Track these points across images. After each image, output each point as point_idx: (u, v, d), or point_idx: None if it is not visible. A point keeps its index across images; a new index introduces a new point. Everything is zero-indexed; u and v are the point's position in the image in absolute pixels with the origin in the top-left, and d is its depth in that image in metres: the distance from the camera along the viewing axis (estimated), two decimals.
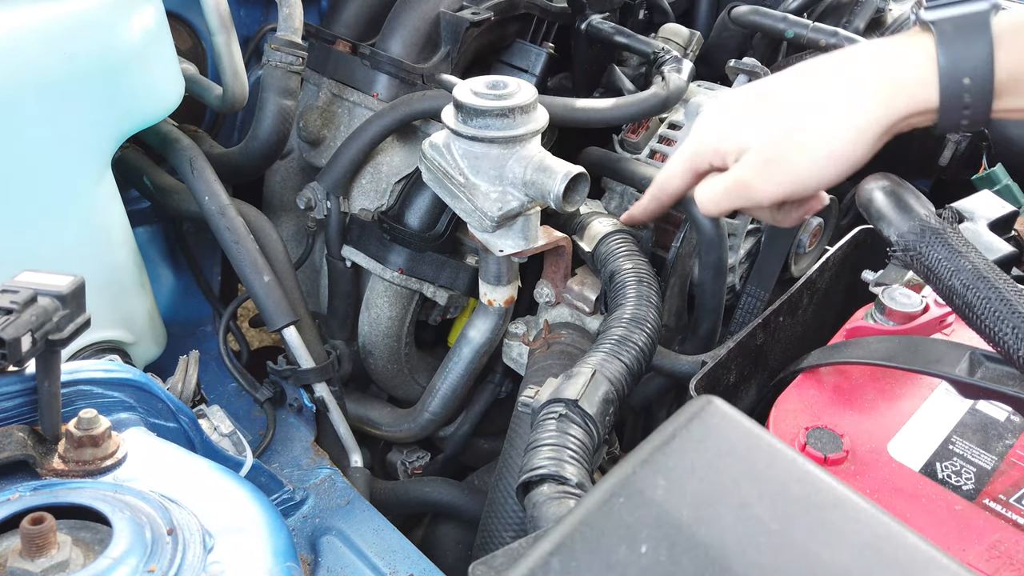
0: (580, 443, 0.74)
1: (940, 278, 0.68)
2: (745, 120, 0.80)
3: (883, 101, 0.73)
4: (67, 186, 0.97)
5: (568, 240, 1.10)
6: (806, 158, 0.76)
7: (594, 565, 0.42)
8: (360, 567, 0.94)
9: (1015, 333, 0.63)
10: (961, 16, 0.71)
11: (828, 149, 0.75)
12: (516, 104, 0.96)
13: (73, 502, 0.61)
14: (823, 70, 0.78)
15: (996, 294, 0.65)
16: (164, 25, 1.02)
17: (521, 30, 1.34)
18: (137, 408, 0.76)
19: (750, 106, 0.80)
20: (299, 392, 1.17)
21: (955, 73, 0.70)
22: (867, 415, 0.76)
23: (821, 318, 1.01)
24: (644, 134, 1.30)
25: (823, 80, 0.77)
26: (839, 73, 0.76)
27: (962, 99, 0.71)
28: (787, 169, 0.77)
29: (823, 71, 0.78)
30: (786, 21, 1.41)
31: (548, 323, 1.16)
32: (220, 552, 0.61)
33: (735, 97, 0.83)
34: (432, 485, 1.26)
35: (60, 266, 0.67)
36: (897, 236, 0.71)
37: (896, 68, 0.73)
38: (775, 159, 0.78)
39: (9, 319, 0.59)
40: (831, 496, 0.46)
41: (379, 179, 1.23)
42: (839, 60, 0.77)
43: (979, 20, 0.71)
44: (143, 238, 1.31)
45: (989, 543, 0.65)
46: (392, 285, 1.24)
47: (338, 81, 1.28)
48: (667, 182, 0.90)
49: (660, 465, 0.47)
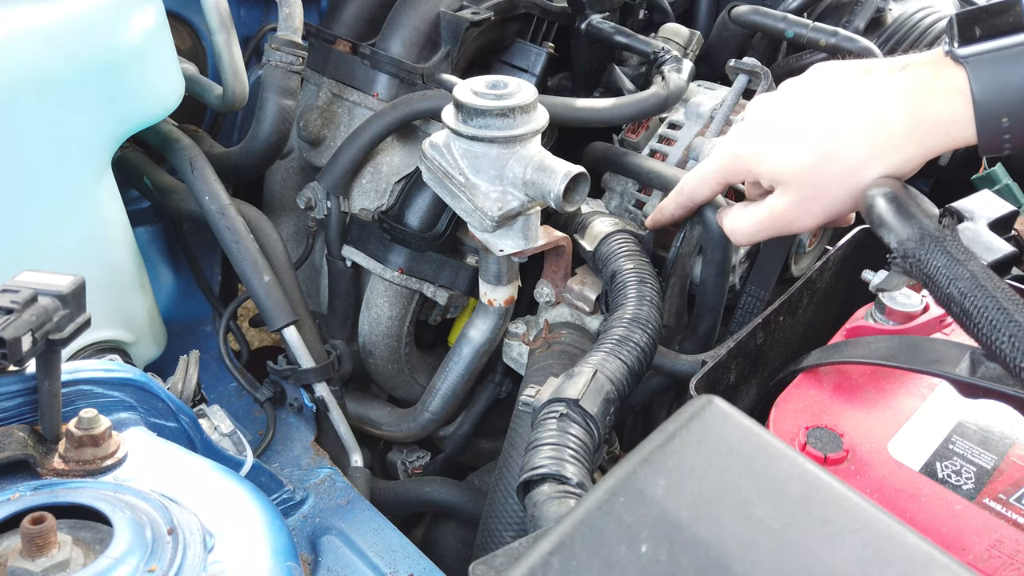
0: (581, 443, 0.74)
1: (939, 286, 0.68)
2: (781, 145, 0.80)
3: (917, 141, 0.73)
4: (67, 186, 0.97)
5: (568, 240, 1.10)
6: (843, 193, 0.77)
7: (594, 565, 0.42)
8: (360, 567, 0.94)
9: (1012, 342, 0.63)
10: (996, 52, 0.69)
11: (862, 184, 0.76)
12: (516, 104, 0.96)
13: (73, 502, 0.61)
14: (860, 97, 0.76)
15: (993, 303, 0.65)
16: (164, 25, 1.02)
17: (521, 30, 1.34)
18: (137, 408, 0.76)
19: (786, 129, 0.80)
20: (299, 392, 1.17)
21: (992, 113, 0.69)
22: (867, 415, 0.76)
23: (821, 318, 1.01)
24: (644, 134, 1.30)
25: (860, 110, 0.75)
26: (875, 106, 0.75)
27: (1001, 138, 0.70)
28: (824, 205, 0.79)
29: (860, 98, 0.76)
30: (786, 21, 1.41)
31: (548, 323, 1.16)
32: (220, 552, 0.61)
33: (770, 112, 0.82)
34: (432, 485, 1.26)
35: (60, 266, 0.67)
36: (897, 243, 0.71)
37: (929, 108, 0.72)
38: (812, 196, 0.79)
39: (9, 319, 0.59)
40: (831, 496, 0.46)
41: (379, 179, 1.23)
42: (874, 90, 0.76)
43: (1014, 55, 0.69)
44: (143, 238, 1.31)
45: (989, 543, 0.65)
46: (392, 285, 1.24)
47: (338, 81, 1.28)
48: (696, 191, 0.92)
49: (660, 465, 0.47)
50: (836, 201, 0.79)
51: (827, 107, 0.78)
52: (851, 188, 0.77)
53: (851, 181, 0.77)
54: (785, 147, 0.80)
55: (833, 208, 0.79)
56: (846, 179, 0.77)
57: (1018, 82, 0.69)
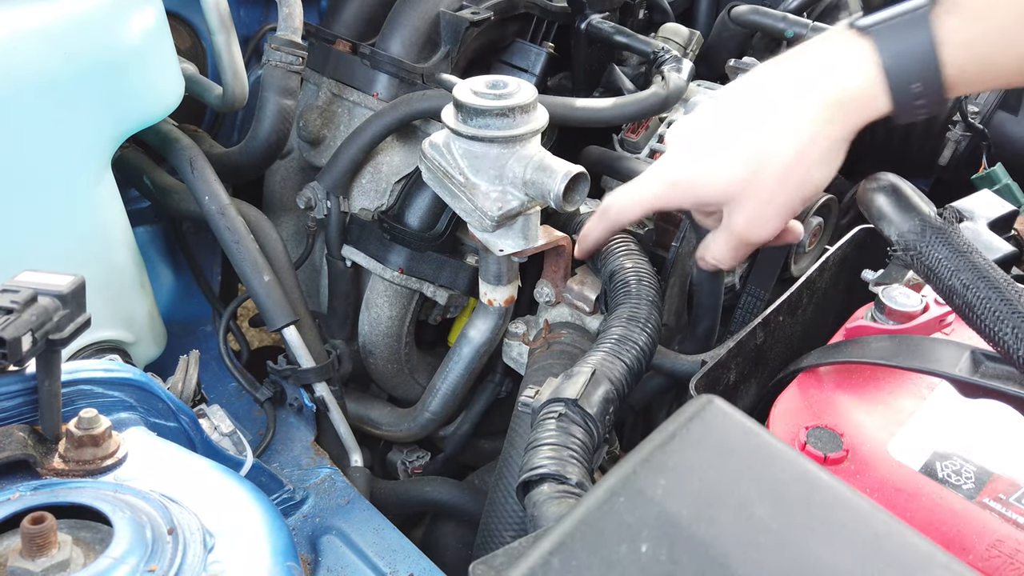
0: (580, 442, 0.74)
1: (940, 278, 0.68)
2: (712, 165, 0.80)
3: (840, 121, 0.73)
4: (67, 186, 0.97)
5: (568, 240, 1.10)
6: (789, 190, 0.77)
7: (594, 564, 0.42)
8: (360, 567, 0.94)
9: (1015, 333, 0.63)
10: (898, 19, 0.69)
11: (802, 179, 0.76)
12: (516, 104, 0.96)
13: (74, 502, 0.61)
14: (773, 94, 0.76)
15: (996, 294, 0.65)
16: (164, 25, 1.02)
17: (521, 30, 1.34)
18: (137, 408, 0.76)
19: (713, 148, 0.80)
20: (299, 392, 1.17)
21: (903, 80, 0.69)
22: (867, 415, 0.76)
23: (821, 318, 1.01)
24: (644, 134, 1.30)
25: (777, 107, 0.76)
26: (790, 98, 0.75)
27: (914, 103, 0.70)
28: (776, 208, 0.79)
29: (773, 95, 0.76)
30: (786, 21, 1.41)
31: (548, 323, 1.16)
32: (220, 552, 0.61)
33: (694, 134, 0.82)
34: (432, 485, 1.26)
35: (60, 266, 0.67)
36: (897, 235, 0.71)
37: (845, 86, 0.72)
38: (761, 204, 0.79)
39: (9, 319, 0.59)
40: (831, 495, 0.46)
41: (379, 179, 1.23)
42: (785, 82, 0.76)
43: (917, 20, 0.68)
44: (143, 238, 1.31)
45: (989, 543, 0.65)
46: (392, 285, 1.24)
47: (338, 81, 1.28)
48: (623, 214, 0.92)
49: (660, 464, 0.47)
50: (787, 201, 0.78)
51: (745, 113, 0.78)
52: (794, 183, 0.77)
53: (791, 178, 0.77)
54: (717, 166, 0.79)
55: (786, 208, 0.79)
56: (786, 177, 0.77)
57: (922, 45, 0.68)
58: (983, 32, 0.67)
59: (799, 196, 0.78)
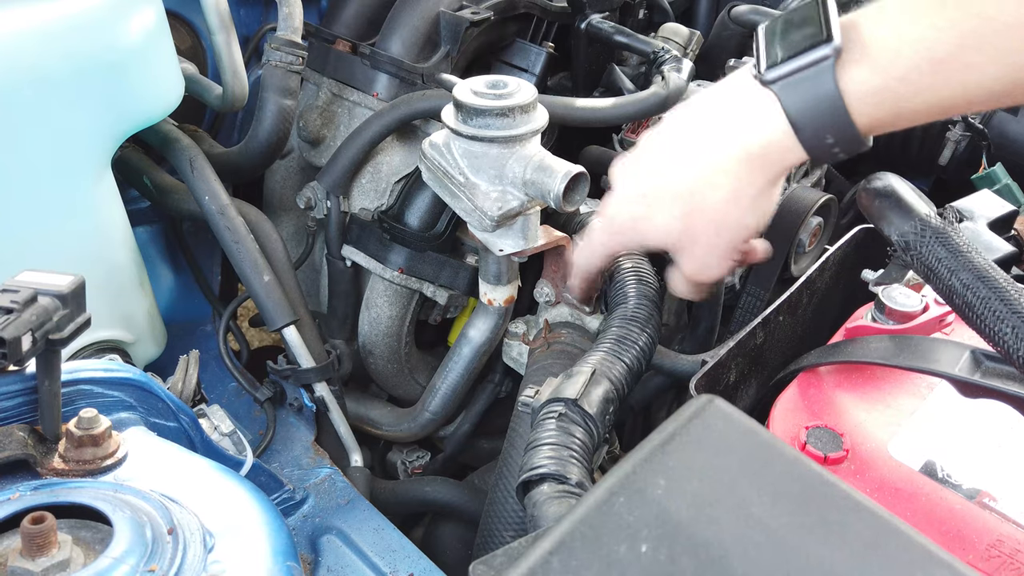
0: (580, 442, 0.74)
1: (940, 278, 0.68)
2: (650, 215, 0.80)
3: (762, 171, 0.73)
4: (67, 186, 0.97)
5: (568, 240, 1.10)
6: (723, 241, 0.79)
7: (594, 564, 0.42)
8: (360, 566, 0.94)
9: (1015, 333, 0.63)
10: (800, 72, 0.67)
11: (735, 226, 0.78)
12: (516, 104, 0.96)
13: (74, 501, 0.61)
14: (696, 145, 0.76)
15: (996, 294, 0.65)
16: (164, 25, 1.02)
17: (521, 30, 1.34)
18: (137, 408, 0.76)
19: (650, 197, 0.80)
20: (299, 392, 1.17)
21: (814, 134, 0.68)
22: (867, 415, 0.76)
23: (821, 317, 1.01)
24: (644, 134, 1.30)
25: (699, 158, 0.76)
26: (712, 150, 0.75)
27: (831, 152, 0.69)
28: (718, 254, 0.80)
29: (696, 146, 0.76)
30: None
31: (548, 322, 1.16)
32: (220, 551, 0.61)
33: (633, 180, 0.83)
34: (432, 485, 1.26)
35: (60, 266, 0.67)
36: (897, 235, 0.71)
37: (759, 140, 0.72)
38: (702, 251, 0.80)
39: (9, 319, 0.59)
40: (831, 495, 0.46)
41: (379, 179, 1.23)
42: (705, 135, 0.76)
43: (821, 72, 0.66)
44: (143, 238, 1.31)
45: (989, 543, 0.65)
46: (392, 285, 1.24)
47: (338, 81, 1.28)
48: (589, 266, 0.95)
49: (660, 464, 0.47)
50: (726, 246, 0.79)
51: (676, 165, 0.78)
52: (728, 232, 0.78)
53: (724, 227, 0.78)
54: (652, 215, 0.80)
55: (727, 252, 0.80)
56: (720, 227, 0.78)
57: (828, 99, 0.66)
58: (891, 81, 0.65)
59: (737, 240, 0.79)
